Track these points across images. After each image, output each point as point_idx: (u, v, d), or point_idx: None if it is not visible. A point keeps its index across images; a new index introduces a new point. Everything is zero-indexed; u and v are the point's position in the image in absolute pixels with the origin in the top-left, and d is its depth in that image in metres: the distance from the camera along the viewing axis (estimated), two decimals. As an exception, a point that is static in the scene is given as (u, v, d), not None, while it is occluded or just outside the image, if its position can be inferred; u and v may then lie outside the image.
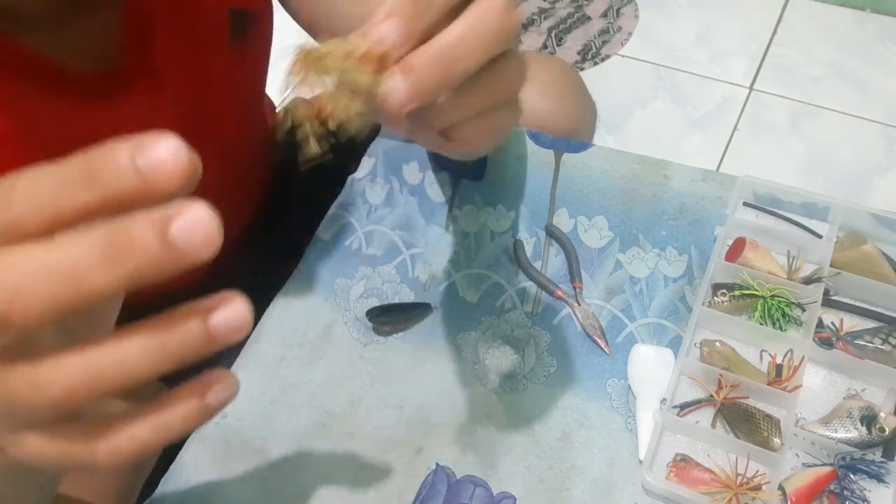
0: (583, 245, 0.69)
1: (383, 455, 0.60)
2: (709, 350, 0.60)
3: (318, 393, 0.63)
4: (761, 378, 0.58)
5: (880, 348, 0.58)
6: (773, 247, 0.65)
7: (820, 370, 0.59)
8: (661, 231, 0.68)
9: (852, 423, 0.55)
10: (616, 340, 0.63)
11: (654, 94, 1.67)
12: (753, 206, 0.68)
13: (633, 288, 0.66)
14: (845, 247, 0.63)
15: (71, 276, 0.21)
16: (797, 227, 0.66)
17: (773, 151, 1.55)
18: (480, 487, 0.57)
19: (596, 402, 0.60)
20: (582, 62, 1.74)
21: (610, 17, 1.83)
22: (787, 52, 1.71)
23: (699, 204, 0.69)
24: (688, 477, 0.54)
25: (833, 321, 0.60)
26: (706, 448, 0.57)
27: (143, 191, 0.22)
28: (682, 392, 0.59)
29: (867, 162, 1.51)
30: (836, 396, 0.58)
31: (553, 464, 0.58)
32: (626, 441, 0.58)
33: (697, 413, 0.58)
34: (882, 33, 1.72)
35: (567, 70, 0.85)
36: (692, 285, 0.65)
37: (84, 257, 0.21)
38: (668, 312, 0.64)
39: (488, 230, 0.71)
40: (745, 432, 0.56)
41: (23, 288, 0.21)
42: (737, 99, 1.64)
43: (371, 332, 0.67)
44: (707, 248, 0.66)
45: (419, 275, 0.69)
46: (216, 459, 0.61)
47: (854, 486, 0.53)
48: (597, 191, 0.71)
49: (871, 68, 1.66)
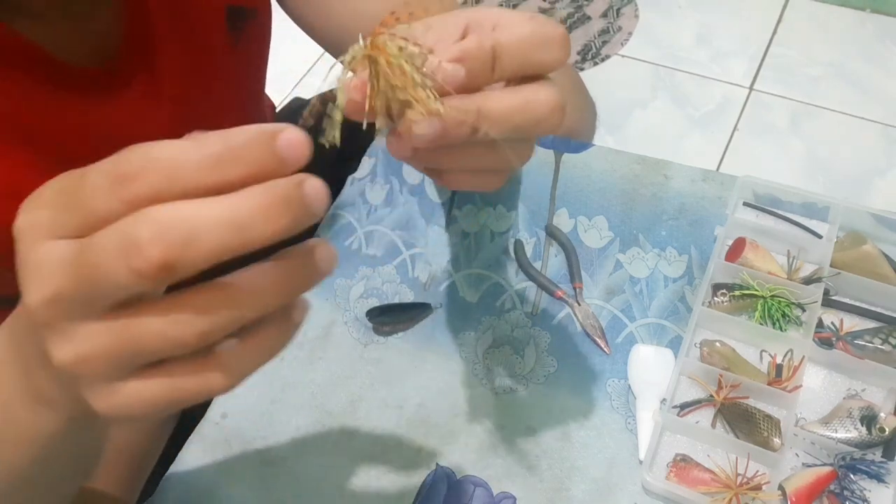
0: (583, 245, 0.69)
1: (383, 455, 0.60)
2: (709, 350, 0.60)
3: (318, 393, 0.63)
4: (761, 378, 0.58)
5: (880, 348, 0.58)
6: (773, 247, 0.65)
7: (820, 370, 0.59)
8: (661, 231, 0.68)
9: (852, 423, 0.55)
10: (616, 340, 0.63)
11: (654, 94, 1.67)
12: (753, 206, 0.68)
13: (633, 288, 0.66)
14: (845, 247, 0.63)
15: (238, 227, 0.25)
16: (797, 227, 0.66)
17: (773, 151, 1.55)
18: (480, 487, 0.57)
19: (596, 402, 0.60)
20: (582, 62, 1.74)
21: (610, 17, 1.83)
22: (786, 52, 1.71)
23: (699, 204, 0.69)
24: (688, 477, 0.54)
25: (833, 321, 0.61)
26: (706, 448, 0.57)
27: (278, 168, 0.26)
28: (682, 392, 0.59)
29: (867, 162, 1.51)
30: (836, 396, 0.58)
31: (553, 464, 0.58)
32: (626, 441, 0.58)
33: (697, 413, 0.58)
34: (882, 33, 1.72)
35: (567, 70, 0.85)
36: (692, 285, 0.65)
37: (248, 211, 0.25)
38: (668, 312, 0.64)
39: (488, 230, 0.71)
40: (745, 432, 0.56)
41: (197, 236, 0.25)
42: (737, 99, 1.64)
43: (371, 332, 0.67)
44: (707, 248, 0.66)
45: (419, 275, 0.69)
46: (216, 459, 0.61)
47: (854, 486, 0.53)
48: (597, 191, 0.71)
49: (871, 68, 1.66)
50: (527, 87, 0.35)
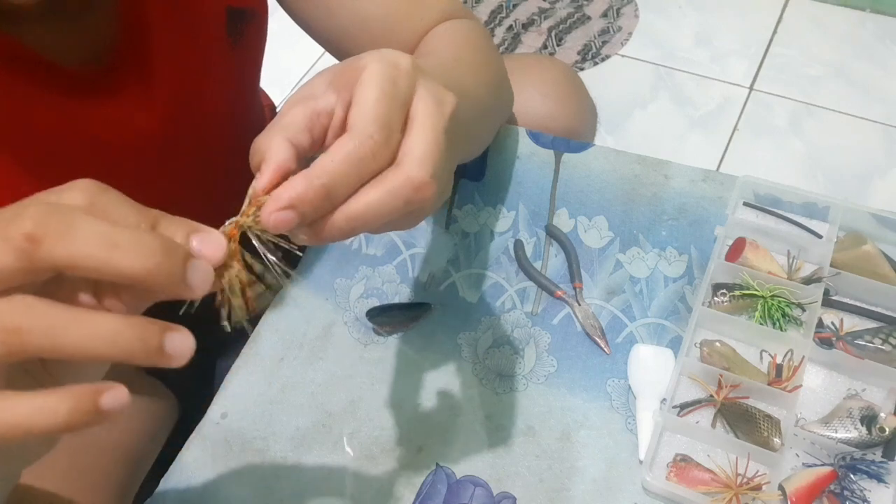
0: (583, 245, 0.69)
1: (383, 455, 0.60)
2: (709, 350, 0.60)
3: (318, 393, 0.63)
4: (761, 378, 0.58)
5: (880, 348, 0.58)
6: (773, 247, 0.65)
7: (820, 370, 0.59)
8: (661, 231, 0.68)
9: (852, 423, 0.55)
10: (616, 340, 0.63)
11: (654, 94, 1.67)
12: (753, 206, 0.68)
13: (633, 288, 0.66)
14: (845, 247, 0.63)
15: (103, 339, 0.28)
16: (797, 227, 0.66)
17: (773, 151, 1.55)
18: (480, 487, 0.57)
19: (596, 402, 0.60)
20: (582, 62, 1.74)
21: (610, 17, 1.83)
22: (787, 52, 1.71)
23: (699, 204, 0.69)
24: (688, 477, 0.54)
25: (833, 321, 0.60)
26: (706, 448, 0.57)
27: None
28: (682, 392, 0.59)
29: (867, 162, 1.51)
30: (836, 396, 0.58)
31: (553, 464, 0.58)
32: (626, 441, 0.58)
33: (697, 413, 0.58)
34: (882, 33, 1.72)
35: (568, 73, 0.85)
36: (692, 285, 0.65)
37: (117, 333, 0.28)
38: (668, 312, 0.64)
39: (488, 230, 0.71)
40: (745, 432, 0.56)
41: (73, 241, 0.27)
42: (737, 99, 1.64)
43: (371, 332, 0.67)
44: (707, 248, 0.66)
45: (419, 275, 0.69)
46: (216, 459, 0.61)
47: (854, 486, 0.53)
48: (597, 191, 0.71)
49: (872, 68, 1.66)
50: (383, 178, 0.34)
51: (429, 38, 0.63)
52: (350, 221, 0.34)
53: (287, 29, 0.72)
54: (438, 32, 0.63)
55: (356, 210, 0.34)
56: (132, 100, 0.56)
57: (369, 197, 0.34)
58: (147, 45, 0.56)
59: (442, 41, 0.62)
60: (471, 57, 0.60)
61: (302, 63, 1.78)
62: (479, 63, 0.60)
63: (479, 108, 0.57)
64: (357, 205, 0.34)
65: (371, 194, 0.34)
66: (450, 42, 0.62)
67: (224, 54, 0.63)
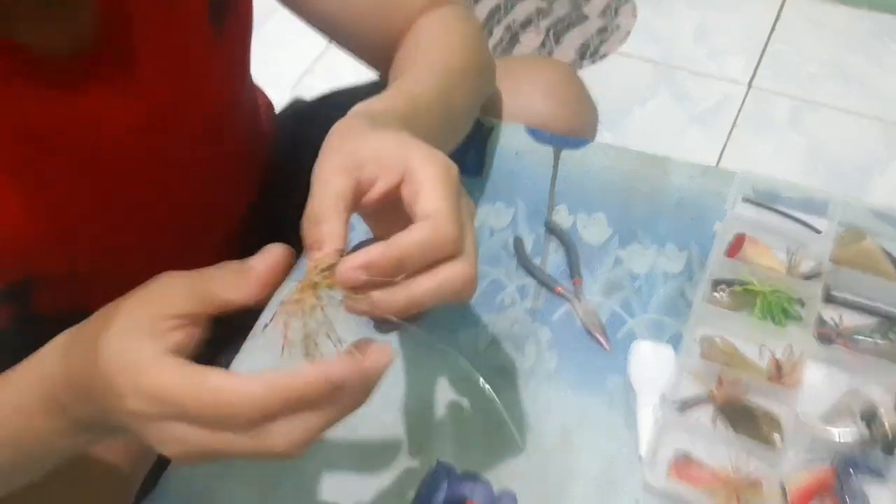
0: (582, 241, 0.69)
1: (383, 454, 0.60)
2: (709, 346, 0.60)
3: (317, 391, 0.63)
4: (761, 374, 0.58)
5: (880, 344, 0.58)
6: (772, 242, 0.64)
7: (820, 366, 0.59)
8: (660, 227, 0.68)
9: (852, 419, 0.55)
10: (616, 337, 0.63)
11: (653, 91, 1.67)
12: (753, 202, 0.68)
13: (632, 284, 0.66)
14: (845, 242, 0.63)
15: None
16: (797, 223, 0.66)
17: (772, 147, 1.55)
18: (481, 485, 0.57)
19: (596, 398, 0.60)
20: (580, 61, 1.74)
21: (608, 15, 1.83)
22: (785, 48, 1.71)
23: (699, 200, 0.69)
24: (688, 474, 0.54)
25: (833, 317, 0.60)
26: (706, 445, 0.56)
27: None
28: (683, 389, 0.59)
29: (866, 158, 1.51)
30: (836, 392, 0.58)
31: (553, 460, 0.58)
32: (627, 438, 0.58)
33: (697, 410, 0.58)
34: (880, 30, 1.72)
35: (570, 74, 0.86)
36: (692, 281, 0.65)
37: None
38: (667, 308, 0.64)
39: (488, 227, 0.71)
40: (745, 429, 0.56)
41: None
42: (735, 95, 1.64)
43: (371, 328, 0.66)
44: (707, 244, 0.66)
45: (418, 272, 0.69)
46: (216, 458, 0.61)
47: (854, 483, 0.53)
48: (596, 187, 0.71)
49: (869, 65, 1.66)
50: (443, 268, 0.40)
51: (419, 31, 0.65)
52: (409, 300, 0.40)
53: (286, 29, 0.72)
54: (427, 28, 0.65)
55: (416, 293, 0.40)
56: (116, 90, 0.56)
57: (431, 283, 0.40)
58: (129, 35, 0.56)
59: (431, 38, 0.65)
60: (459, 55, 0.63)
61: (300, 63, 1.78)
62: (467, 61, 0.64)
63: (467, 112, 0.65)
64: (419, 289, 0.40)
65: (433, 282, 0.40)
66: (439, 41, 0.64)
67: (208, 42, 0.63)
